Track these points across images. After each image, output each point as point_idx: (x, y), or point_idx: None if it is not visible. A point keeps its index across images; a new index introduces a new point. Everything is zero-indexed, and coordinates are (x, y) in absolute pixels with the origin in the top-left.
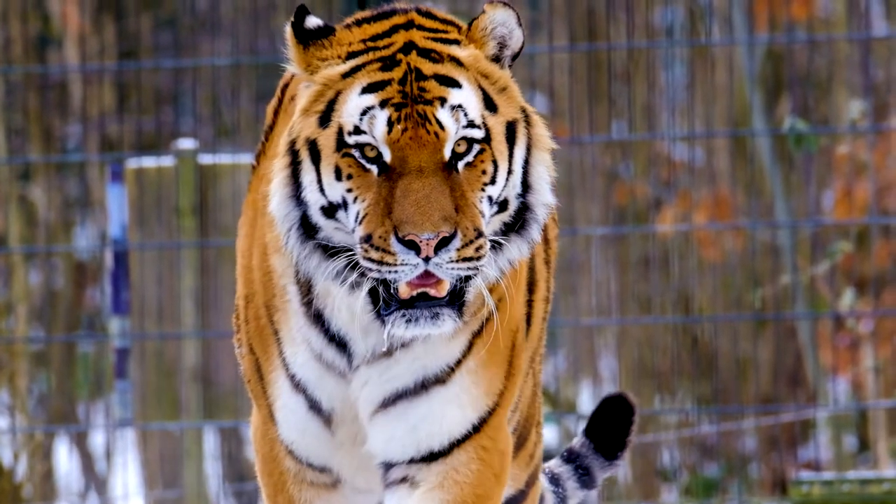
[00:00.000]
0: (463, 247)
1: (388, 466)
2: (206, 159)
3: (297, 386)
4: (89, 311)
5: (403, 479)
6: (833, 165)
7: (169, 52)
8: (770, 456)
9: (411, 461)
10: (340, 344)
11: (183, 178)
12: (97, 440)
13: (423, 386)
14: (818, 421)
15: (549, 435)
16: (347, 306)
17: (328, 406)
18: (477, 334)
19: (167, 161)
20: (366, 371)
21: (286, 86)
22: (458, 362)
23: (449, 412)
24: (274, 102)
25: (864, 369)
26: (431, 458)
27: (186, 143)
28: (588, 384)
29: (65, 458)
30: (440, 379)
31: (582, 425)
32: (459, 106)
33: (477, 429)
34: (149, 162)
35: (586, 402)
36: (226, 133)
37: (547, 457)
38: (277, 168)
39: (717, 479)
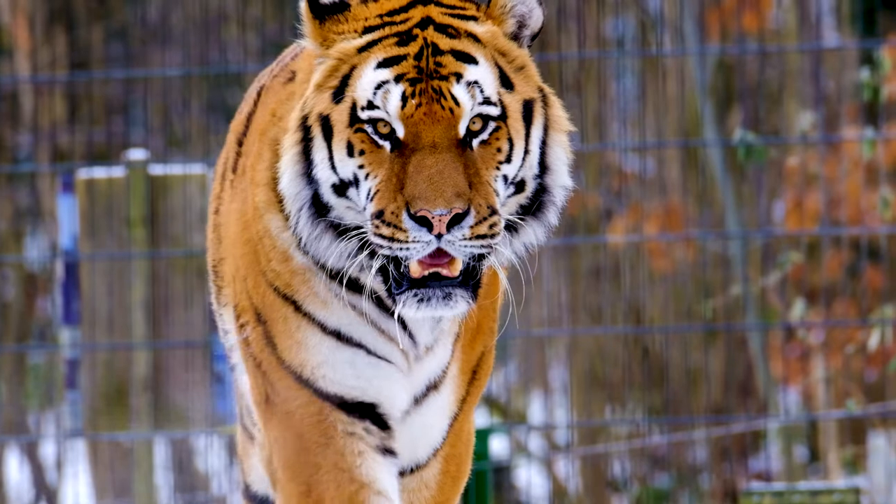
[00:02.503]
0: (476, 224)
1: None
2: (156, 170)
3: (349, 341)
4: (40, 321)
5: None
6: (784, 176)
7: (120, 62)
8: (721, 466)
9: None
10: (394, 315)
11: (133, 189)
12: (48, 450)
13: (426, 391)
14: (769, 431)
15: (500, 445)
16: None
17: (388, 356)
18: (457, 338)
19: (118, 172)
20: (410, 368)
21: (260, 91)
22: (447, 367)
23: (438, 422)
24: (250, 107)
25: (814, 380)
26: (410, 471)
27: (137, 154)
28: (539, 395)
29: (15, 469)
30: (437, 384)
31: (532, 436)
32: (475, 82)
33: (445, 436)
34: (99, 172)
35: (537, 413)
36: (176, 143)
37: (498, 467)
38: (288, 144)
39: (668, 490)
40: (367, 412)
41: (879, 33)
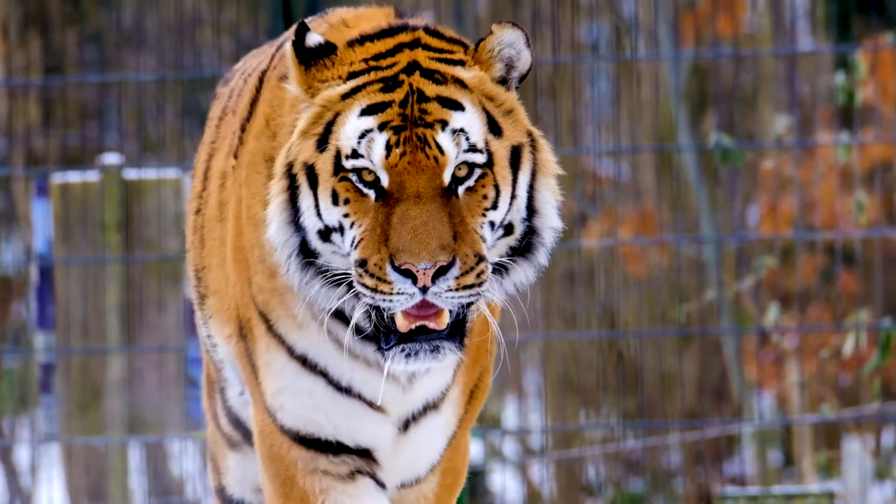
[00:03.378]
0: (462, 274)
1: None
2: (131, 174)
3: (313, 368)
4: (14, 325)
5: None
6: (758, 181)
7: (94, 67)
8: (695, 471)
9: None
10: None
11: (108, 193)
12: (22, 455)
13: (424, 411)
14: (743, 436)
15: (474, 450)
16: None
17: (360, 390)
18: (459, 363)
19: (92, 176)
20: (395, 391)
21: (263, 74)
22: (447, 389)
23: (437, 441)
24: (252, 93)
25: (788, 384)
26: (409, 485)
27: (112, 158)
28: (513, 399)
29: None
30: (437, 405)
31: (507, 440)
32: (461, 130)
33: (441, 454)
34: (74, 177)
35: (511, 418)
36: (151, 148)
37: (473, 472)
38: (274, 192)
39: (642, 494)
40: (329, 445)
41: (854, 37)
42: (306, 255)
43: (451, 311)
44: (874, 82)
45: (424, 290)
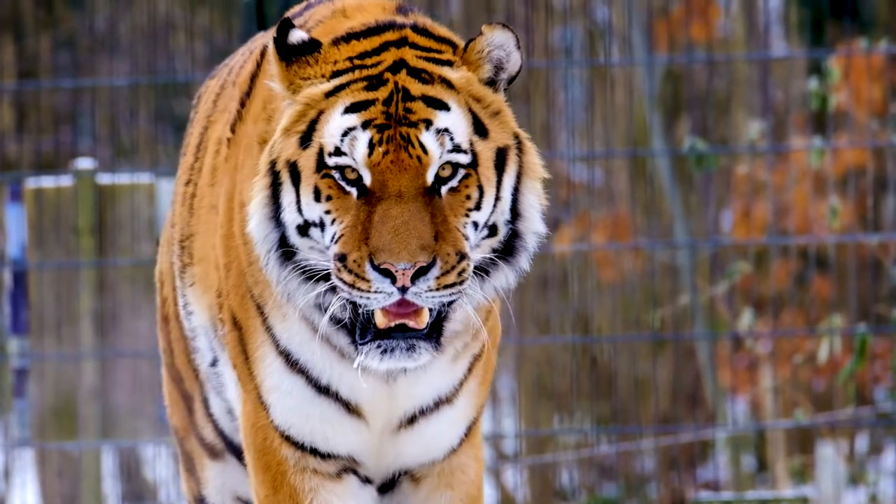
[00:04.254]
0: (443, 274)
1: (396, 473)
2: (104, 179)
3: (295, 366)
4: None
5: (405, 476)
6: (732, 186)
7: (68, 72)
8: (669, 476)
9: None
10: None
11: (81, 198)
12: None
13: (437, 405)
14: (717, 441)
15: None
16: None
17: (350, 396)
18: (477, 357)
19: (66, 181)
20: (386, 387)
21: (262, 55)
22: (462, 383)
23: (453, 431)
24: (251, 68)
25: (762, 390)
26: (432, 463)
27: (85, 163)
28: (486, 404)
29: None
30: (449, 399)
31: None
32: (445, 130)
33: (467, 436)
34: (47, 182)
35: (485, 423)
36: (124, 153)
37: None
38: (257, 188)
39: (616, 500)
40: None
41: (827, 43)
42: (285, 250)
43: (431, 310)
44: (847, 87)
45: (404, 289)
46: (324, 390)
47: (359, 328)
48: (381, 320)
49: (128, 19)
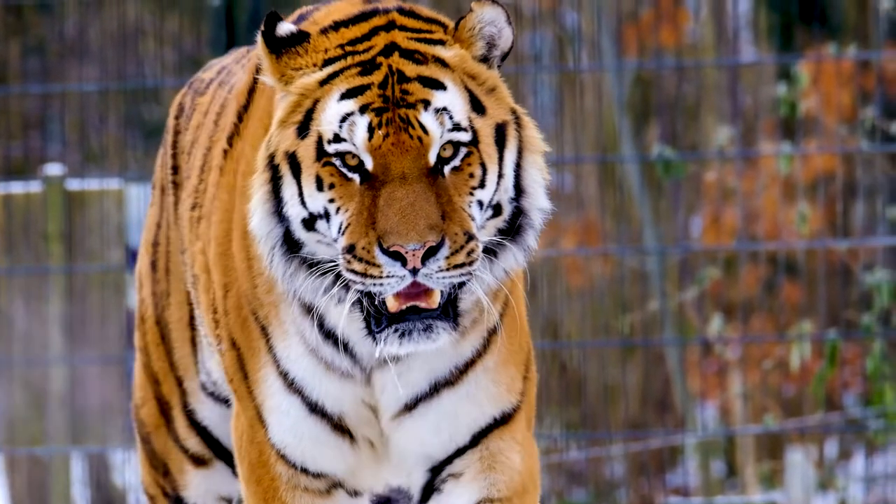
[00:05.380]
0: (452, 254)
1: (434, 471)
2: (73, 185)
3: (291, 385)
4: None
5: (450, 476)
6: (701, 191)
7: (37, 77)
8: (638, 482)
9: (448, 460)
10: (338, 343)
11: (50, 204)
12: None
13: (436, 388)
14: (686, 447)
15: None
16: (346, 312)
17: (334, 409)
18: (493, 332)
19: (35, 187)
20: (381, 376)
21: (258, 68)
22: (472, 362)
23: (469, 412)
24: (248, 82)
25: (732, 395)
26: (463, 451)
27: (54, 169)
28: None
29: None
30: (451, 381)
31: None
32: (444, 109)
33: (504, 420)
34: (16, 187)
35: None
36: (93, 158)
37: None
38: (257, 184)
39: None
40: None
41: (796, 48)
42: (290, 245)
43: (442, 292)
44: (817, 93)
45: (415, 271)
46: (314, 407)
47: (373, 318)
48: (392, 304)
49: (97, 25)
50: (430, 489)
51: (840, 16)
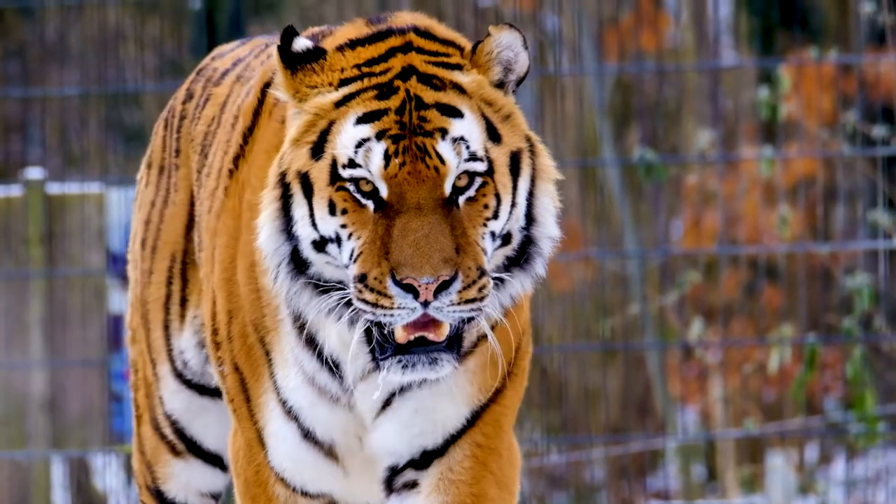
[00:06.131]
0: (464, 288)
1: (392, 471)
2: (54, 189)
3: (289, 412)
4: None
5: (407, 485)
6: (682, 195)
7: (17, 81)
8: (619, 485)
9: (411, 462)
10: (332, 366)
11: (31, 208)
12: None
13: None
14: (667, 450)
15: None
16: (338, 333)
17: (325, 436)
18: (482, 337)
19: (15, 190)
20: (361, 387)
21: (266, 85)
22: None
23: (440, 405)
24: (253, 102)
25: (712, 399)
26: (428, 457)
27: (35, 173)
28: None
29: None
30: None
31: None
32: (461, 138)
33: (471, 423)
34: None
35: None
36: (74, 162)
37: None
38: (267, 201)
39: None
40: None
41: (777, 52)
42: (297, 264)
43: (451, 325)
44: (798, 97)
45: (426, 304)
46: (306, 434)
47: (377, 344)
48: (400, 334)
49: (78, 29)
50: (389, 487)
51: (821, 20)
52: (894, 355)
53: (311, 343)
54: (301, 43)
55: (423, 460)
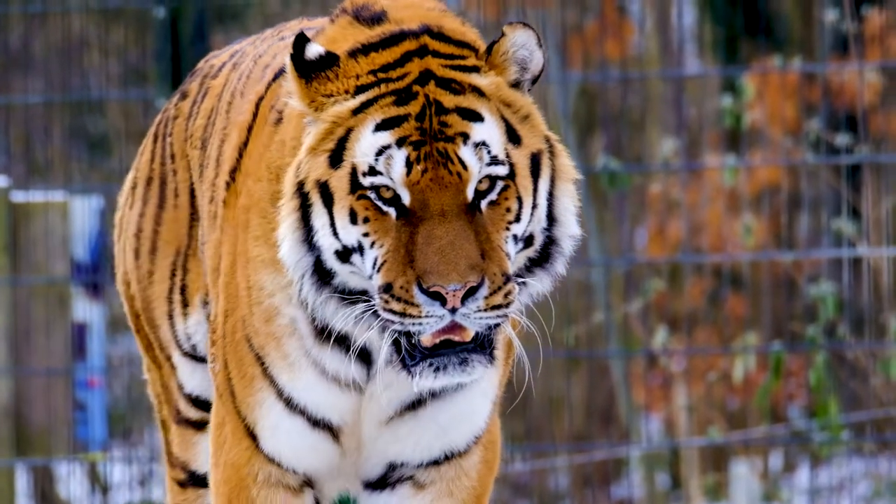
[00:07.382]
0: (491, 294)
1: (392, 467)
2: (18, 197)
3: (295, 408)
4: None
5: (405, 479)
6: (646, 203)
7: None
8: (583, 494)
9: (420, 464)
10: (364, 357)
11: None
12: None
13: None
14: (631, 459)
15: None
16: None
17: (339, 421)
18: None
19: None
20: (380, 379)
21: (259, 101)
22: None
23: (480, 406)
24: (248, 118)
25: (676, 407)
26: (445, 459)
27: None
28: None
29: None
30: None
31: None
32: (483, 143)
33: (487, 422)
34: None
35: None
36: (38, 171)
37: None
38: (286, 212)
39: None
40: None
41: (741, 60)
42: (320, 275)
43: (477, 333)
44: (761, 105)
45: (453, 311)
46: (316, 423)
47: (406, 352)
48: (426, 339)
49: (42, 37)
50: (382, 483)
51: (785, 28)
52: (858, 363)
53: (341, 340)
54: (314, 50)
55: (439, 461)
